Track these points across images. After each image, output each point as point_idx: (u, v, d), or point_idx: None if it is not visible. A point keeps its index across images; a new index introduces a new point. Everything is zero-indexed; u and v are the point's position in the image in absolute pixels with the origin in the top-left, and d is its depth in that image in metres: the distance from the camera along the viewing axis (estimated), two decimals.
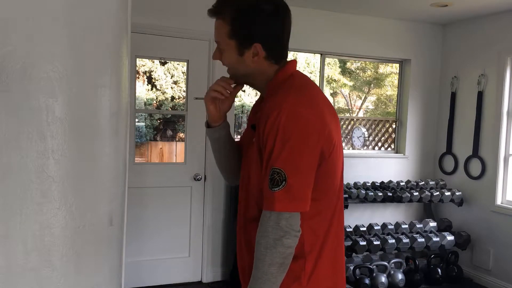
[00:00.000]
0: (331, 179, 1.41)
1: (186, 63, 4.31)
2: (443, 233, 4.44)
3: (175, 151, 8.09)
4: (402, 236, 4.27)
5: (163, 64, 8.33)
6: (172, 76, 8.61)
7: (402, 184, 4.75)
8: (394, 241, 4.18)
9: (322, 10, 4.59)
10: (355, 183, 4.72)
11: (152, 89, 8.60)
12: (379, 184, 4.75)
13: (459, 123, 4.92)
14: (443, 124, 5.10)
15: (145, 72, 8.48)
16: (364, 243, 4.09)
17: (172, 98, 8.72)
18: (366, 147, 5.88)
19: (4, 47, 0.98)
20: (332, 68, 10.04)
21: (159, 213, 4.17)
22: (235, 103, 6.05)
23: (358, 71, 10.70)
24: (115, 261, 1.22)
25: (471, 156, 4.74)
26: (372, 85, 10.75)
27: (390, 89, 9.90)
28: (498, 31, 4.50)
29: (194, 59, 4.23)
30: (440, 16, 4.72)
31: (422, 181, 4.88)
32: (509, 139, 4.46)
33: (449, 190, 4.73)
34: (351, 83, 10.84)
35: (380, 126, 5.97)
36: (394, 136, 5.29)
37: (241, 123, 8.97)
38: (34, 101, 1.01)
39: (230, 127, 1.63)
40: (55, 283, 1.05)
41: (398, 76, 5.26)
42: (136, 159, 4.61)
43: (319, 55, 4.83)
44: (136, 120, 4.69)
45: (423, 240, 4.31)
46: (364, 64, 10.00)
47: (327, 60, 5.05)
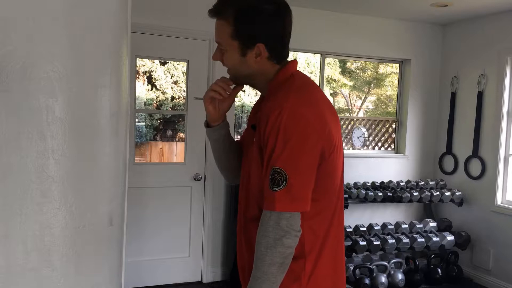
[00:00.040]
0: (331, 179, 1.41)
1: (186, 63, 4.31)
2: (443, 233, 4.44)
3: (175, 151, 8.09)
4: (402, 236, 4.27)
5: (163, 64, 8.33)
6: (172, 76, 8.60)
7: (402, 184, 4.75)
8: (394, 241, 4.18)
9: (322, 10, 4.59)
10: (355, 183, 4.72)
11: (152, 89, 8.59)
12: (379, 184, 4.75)
13: (459, 123, 4.92)
14: (443, 124, 5.10)
15: (145, 72, 8.48)
16: (364, 243, 4.09)
17: (172, 98, 8.71)
18: (366, 147, 5.88)
19: (4, 47, 0.98)
20: (332, 68, 10.03)
21: (159, 213, 4.17)
22: (235, 103, 6.05)
23: (358, 71, 10.69)
24: (115, 261, 1.22)
25: (471, 156, 4.74)
26: (372, 85, 10.74)
27: (390, 89, 9.89)
28: (498, 31, 4.50)
29: (194, 59, 4.23)
30: (440, 16, 4.72)
31: (422, 181, 4.88)
32: (509, 139, 4.46)
33: (449, 190, 4.73)
34: (351, 83, 10.83)
35: (380, 126, 5.97)
36: (394, 136, 5.29)
37: (241, 123, 8.96)
38: (34, 101, 1.01)
39: (230, 127, 1.62)
40: (55, 283, 1.05)
41: (398, 76, 5.26)
42: (136, 159, 4.61)
43: (319, 55, 4.83)
44: (136, 120, 4.69)
45: (423, 240, 4.31)
46: (364, 64, 10.00)
47: (327, 60, 5.05)
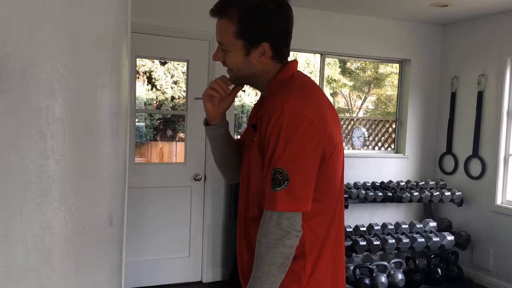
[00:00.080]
0: (331, 179, 1.41)
1: (186, 63, 4.31)
2: (443, 233, 4.44)
3: (175, 151, 8.08)
4: (402, 236, 4.27)
5: (163, 64, 8.33)
6: (172, 76, 8.60)
7: (402, 184, 4.75)
8: (394, 241, 4.18)
9: (322, 10, 4.59)
10: (355, 183, 4.72)
11: (152, 89, 8.59)
12: (379, 184, 4.75)
13: (459, 123, 4.92)
14: (443, 124, 5.09)
15: (145, 72, 8.48)
16: (364, 243, 4.09)
17: (172, 98, 8.71)
18: (366, 147, 5.88)
19: (4, 47, 0.98)
20: (332, 68, 10.03)
21: (159, 213, 4.17)
22: (235, 103, 6.05)
23: (358, 71, 10.69)
24: (115, 261, 1.22)
25: (471, 156, 4.74)
26: (372, 85, 10.74)
27: (390, 89, 9.89)
28: (498, 31, 4.50)
29: (194, 59, 4.23)
30: (440, 16, 4.72)
31: (422, 181, 4.87)
32: (509, 139, 4.46)
33: (449, 190, 4.73)
34: (351, 83, 10.83)
35: (380, 126, 5.97)
36: (394, 136, 5.29)
37: (241, 123, 8.95)
38: (34, 101, 1.01)
39: (230, 127, 1.62)
40: (55, 283, 1.05)
41: (398, 76, 5.26)
42: (136, 159, 4.60)
43: (319, 55, 4.83)
44: (136, 120, 4.69)
45: (423, 240, 4.31)
46: (364, 64, 9.99)
47: (327, 60, 5.05)
